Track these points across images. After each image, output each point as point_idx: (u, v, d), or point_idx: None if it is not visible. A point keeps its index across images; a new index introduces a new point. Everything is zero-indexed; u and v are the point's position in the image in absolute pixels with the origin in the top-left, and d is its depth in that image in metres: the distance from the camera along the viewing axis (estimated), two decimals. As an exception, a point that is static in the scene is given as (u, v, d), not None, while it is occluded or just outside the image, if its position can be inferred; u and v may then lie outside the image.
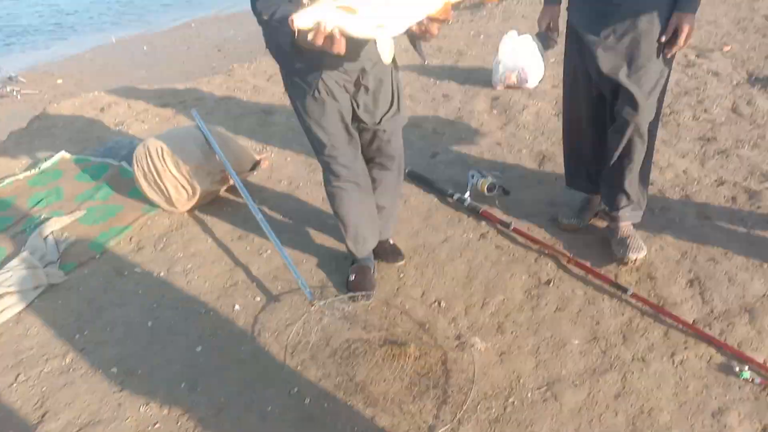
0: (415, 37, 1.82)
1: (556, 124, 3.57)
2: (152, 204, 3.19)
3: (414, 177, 3.29)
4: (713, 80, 4.02)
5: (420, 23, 1.72)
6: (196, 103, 4.59)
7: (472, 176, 3.10)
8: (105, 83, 6.62)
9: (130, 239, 3.03)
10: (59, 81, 7.28)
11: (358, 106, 2.19)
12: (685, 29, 2.13)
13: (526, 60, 4.08)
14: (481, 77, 4.46)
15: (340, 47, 1.66)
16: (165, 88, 5.07)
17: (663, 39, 2.17)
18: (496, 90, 4.24)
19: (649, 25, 2.14)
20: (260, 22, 1.87)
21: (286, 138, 3.85)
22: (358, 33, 1.66)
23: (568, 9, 2.38)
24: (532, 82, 4.15)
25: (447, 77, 4.57)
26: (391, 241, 2.75)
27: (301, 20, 1.59)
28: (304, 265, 2.73)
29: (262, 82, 4.90)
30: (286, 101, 2.82)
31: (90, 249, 2.96)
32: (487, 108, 4.03)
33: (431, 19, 1.72)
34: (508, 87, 4.21)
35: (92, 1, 12.27)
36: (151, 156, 3.01)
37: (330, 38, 1.64)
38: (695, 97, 3.83)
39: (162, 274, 2.77)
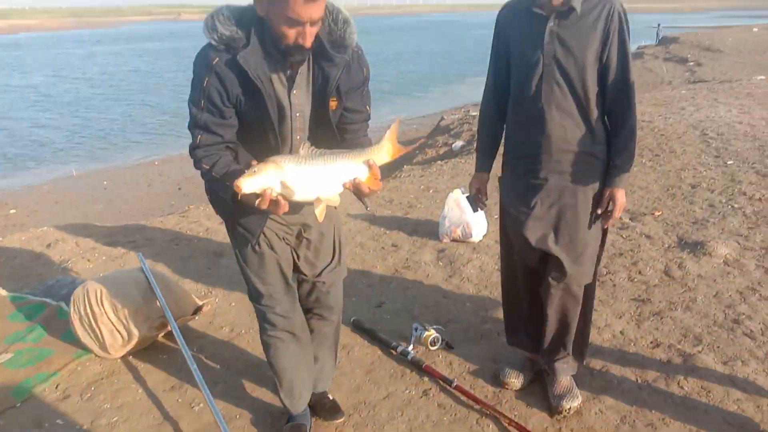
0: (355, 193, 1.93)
1: (499, 278, 3.67)
2: (85, 348, 3.07)
3: (358, 327, 3.28)
4: (646, 243, 4.26)
5: (353, 183, 1.84)
6: (146, 243, 4.58)
7: (416, 329, 3.11)
8: (59, 216, 6.61)
9: (57, 386, 2.87)
10: (12, 211, 7.23)
11: (298, 257, 2.24)
12: (618, 203, 2.31)
13: (470, 216, 4.28)
14: (428, 229, 4.63)
15: (284, 210, 1.76)
16: (117, 226, 5.08)
17: (599, 211, 2.34)
18: (442, 242, 4.39)
19: (573, 199, 2.32)
20: (198, 167, 1.95)
21: (233, 282, 3.83)
22: (301, 200, 1.79)
23: (499, 181, 2.56)
24: (476, 236, 4.33)
25: (396, 227, 4.73)
26: (330, 396, 2.68)
27: (248, 187, 1.69)
28: (237, 421, 2.61)
29: (215, 224, 4.97)
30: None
31: (11, 396, 2.79)
32: (434, 259, 4.15)
33: (361, 182, 1.84)
34: (454, 240, 4.37)
35: (66, 135, 12.62)
36: (89, 299, 2.95)
37: (274, 203, 1.73)
38: (630, 258, 4.03)
39: (85, 427, 2.60)
